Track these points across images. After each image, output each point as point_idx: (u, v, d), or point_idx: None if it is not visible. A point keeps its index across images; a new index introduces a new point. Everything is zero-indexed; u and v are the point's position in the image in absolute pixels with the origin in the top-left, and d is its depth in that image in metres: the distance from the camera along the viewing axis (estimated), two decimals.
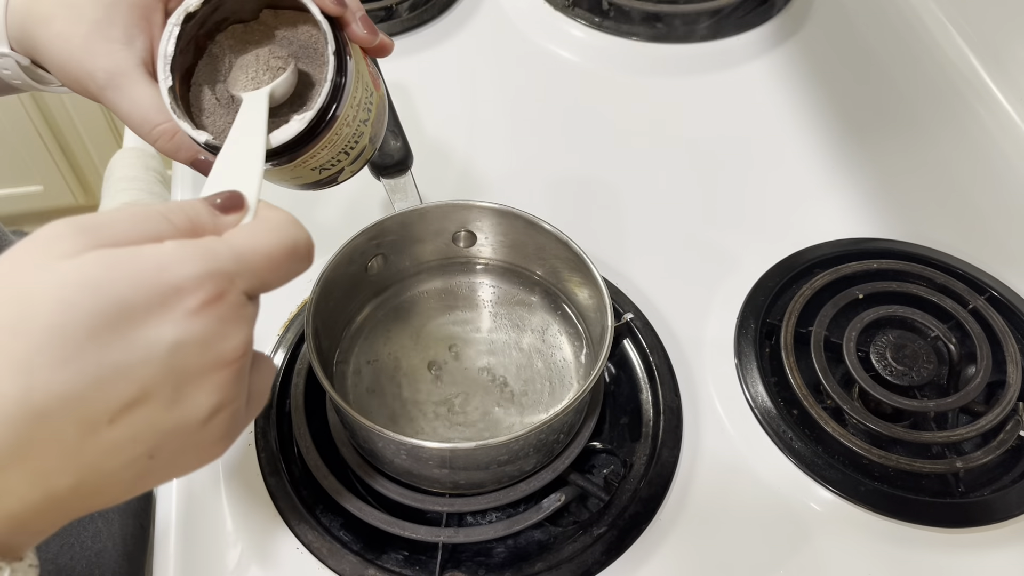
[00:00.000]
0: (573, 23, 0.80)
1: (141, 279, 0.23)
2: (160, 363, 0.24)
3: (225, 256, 0.25)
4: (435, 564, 0.47)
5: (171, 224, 0.26)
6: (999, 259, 0.63)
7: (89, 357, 0.22)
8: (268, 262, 0.27)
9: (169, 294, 0.24)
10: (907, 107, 0.75)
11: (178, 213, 0.26)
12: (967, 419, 0.54)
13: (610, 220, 0.65)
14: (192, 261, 0.24)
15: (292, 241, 0.28)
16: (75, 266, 0.23)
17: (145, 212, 0.26)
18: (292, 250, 0.28)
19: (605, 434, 0.54)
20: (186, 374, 0.24)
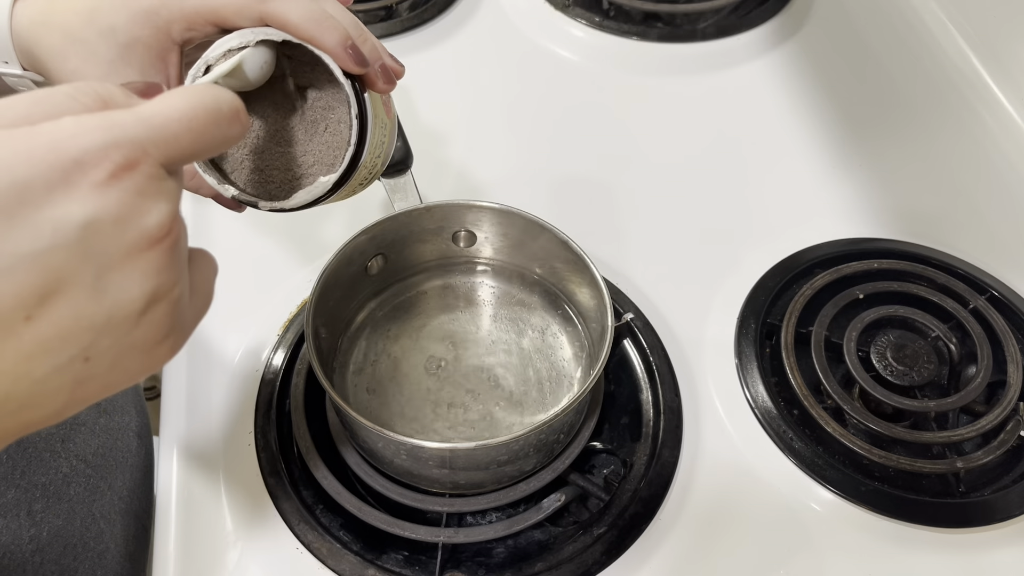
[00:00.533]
0: (573, 23, 0.80)
1: (35, 155, 0.21)
2: (72, 244, 0.21)
3: (131, 124, 0.23)
4: (435, 564, 0.47)
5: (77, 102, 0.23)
6: (1000, 259, 0.63)
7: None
8: (185, 126, 0.24)
9: (70, 169, 0.21)
10: (908, 106, 0.75)
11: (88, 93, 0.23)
12: (968, 419, 0.54)
13: (610, 220, 0.65)
14: (92, 131, 0.22)
15: (213, 101, 0.25)
16: None
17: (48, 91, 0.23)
18: (213, 110, 0.25)
19: (605, 434, 0.54)
20: (106, 256, 0.22)
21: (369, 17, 0.79)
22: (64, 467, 0.46)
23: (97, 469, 0.50)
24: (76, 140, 0.21)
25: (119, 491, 0.52)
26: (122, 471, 0.53)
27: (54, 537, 0.45)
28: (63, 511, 0.46)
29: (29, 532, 0.43)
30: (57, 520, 0.46)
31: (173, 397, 0.54)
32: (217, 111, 0.25)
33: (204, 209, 0.65)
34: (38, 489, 0.44)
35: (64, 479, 0.46)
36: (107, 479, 0.51)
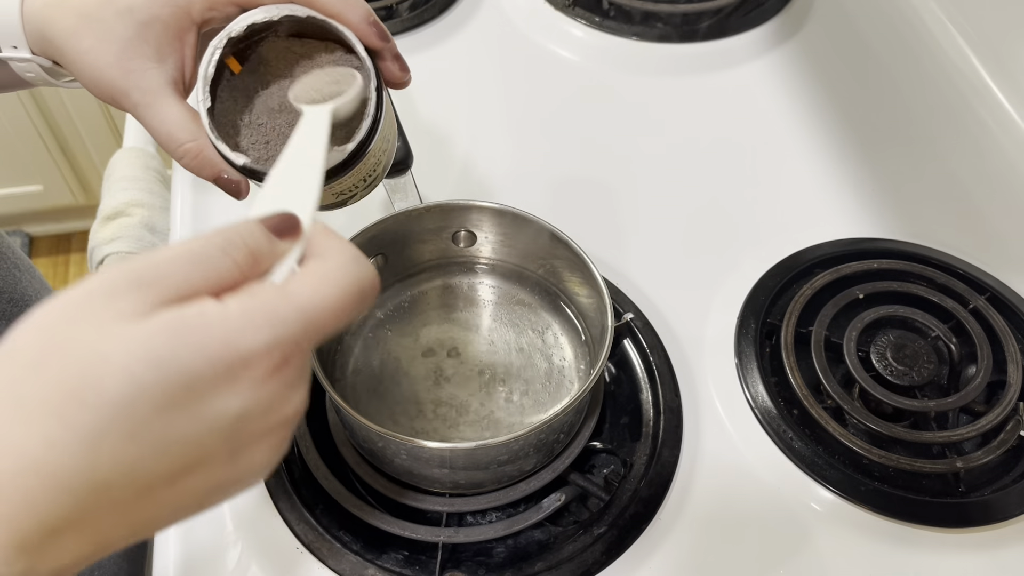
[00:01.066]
0: (573, 23, 0.80)
1: (208, 353, 0.23)
2: (223, 432, 0.24)
3: (292, 320, 0.25)
4: (435, 564, 0.47)
5: (232, 262, 0.25)
6: (1000, 259, 0.63)
7: (155, 431, 0.22)
8: (335, 316, 0.26)
9: (237, 367, 0.23)
10: (908, 107, 0.75)
11: (238, 248, 0.25)
12: (968, 419, 0.54)
13: (610, 220, 0.65)
14: (259, 331, 0.24)
15: (358, 286, 0.27)
16: (142, 336, 0.22)
17: (205, 252, 0.25)
18: (359, 296, 0.27)
19: (605, 434, 0.54)
20: (247, 437, 0.25)
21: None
22: None
23: None
24: (245, 339, 0.23)
25: None
26: None
27: None
28: None
29: None
30: None
31: None
32: (361, 294, 0.27)
33: (204, 211, 0.65)
34: None
35: None
36: None
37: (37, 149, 1.47)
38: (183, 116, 0.37)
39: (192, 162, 0.38)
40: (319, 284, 0.26)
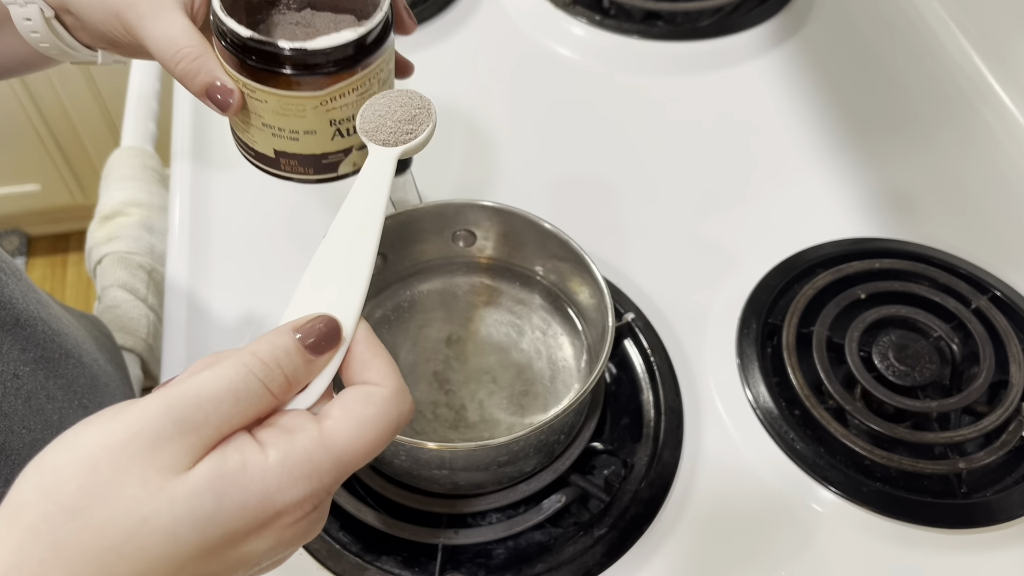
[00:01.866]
0: (574, 21, 0.80)
1: (247, 512, 0.24)
2: (252, 565, 0.26)
3: (327, 470, 0.26)
4: (435, 565, 0.47)
5: (271, 395, 0.26)
6: (1002, 259, 0.63)
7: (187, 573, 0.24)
8: (367, 458, 0.27)
9: (271, 519, 0.25)
10: (910, 106, 0.75)
11: (276, 378, 0.26)
12: (970, 420, 0.53)
13: (610, 220, 0.65)
14: (296, 485, 0.25)
15: (396, 425, 0.28)
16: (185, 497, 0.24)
17: (247, 388, 0.26)
18: (394, 433, 0.28)
19: (606, 435, 0.54)
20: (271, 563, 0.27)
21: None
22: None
23: None
24: (282, 495, 0.25)
25: None
26: None
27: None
28: None
29: None
30: None
31: None
32: (398, 431, 0.28)
33: (204, 210, 0.64)
34: None
35: None
36: None
37: (35, 149, 1.47)
38: (187, 26, 0.37)
39: (189, 66, 0.38)
40: (361, 429, 0.27)
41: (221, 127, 0.71)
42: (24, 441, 0.44)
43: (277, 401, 0.27)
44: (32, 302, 0.47)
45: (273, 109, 0.38)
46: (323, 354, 0.28)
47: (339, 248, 0.33)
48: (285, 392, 0.27)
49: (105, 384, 0.54)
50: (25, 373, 0.45)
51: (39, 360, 0.46)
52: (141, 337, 0.66)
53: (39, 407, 0.45)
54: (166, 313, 0.59)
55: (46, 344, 0.47)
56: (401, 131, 0.37)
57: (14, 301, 0.45)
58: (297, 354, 0.27)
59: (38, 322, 0.47)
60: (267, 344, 0.27)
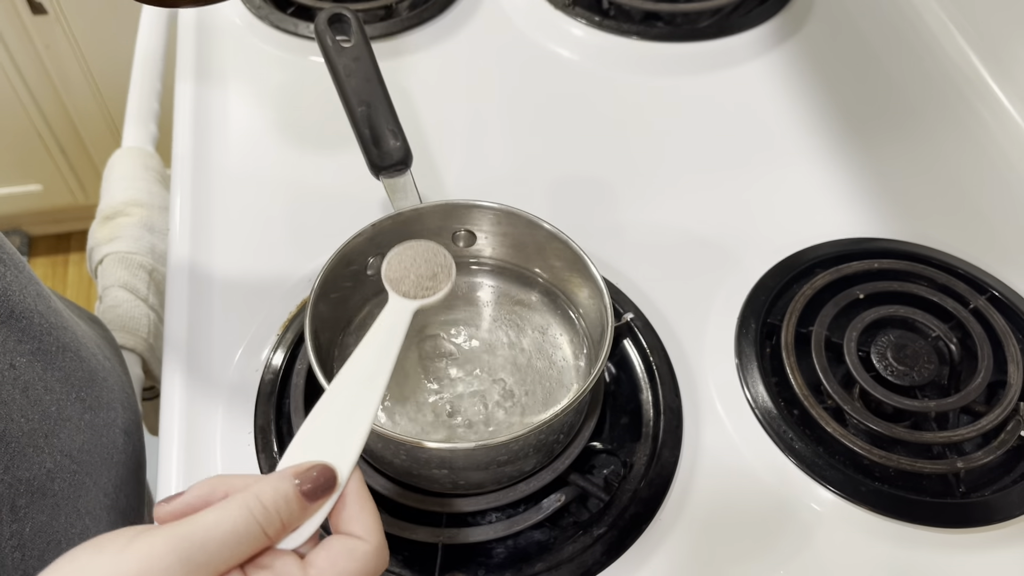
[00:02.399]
0: (573, 22, 0.80)
1: None
2: None
3: None
4: (435, 565, 0.47)
5: (267, 537, 0.29)
6: (1000, 259, 0.63)
7: None
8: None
9: None
10: (908, 106, 0.75)
11: (275, 523, 0.29)
12: (968, 419, 0.53)
13: (610, 220, 0.65)
14: None
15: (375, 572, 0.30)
16: None
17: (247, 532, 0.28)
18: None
19: (605, 434, 0.54)
20: None
21: (369, 17, 0.78)
22: (48, 462, 0.46)
23: (82, 465, 0.49)
24: None
25: (105, 487, 0.52)
26: (108, 468, 0.53)
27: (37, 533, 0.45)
28: (47, 507, 0.46)
29: (11, 528, 0.43)
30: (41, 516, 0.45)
31: (173, 397, 0.54)
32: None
33: (204, 211, 0.65)
34: (22, 484, 0.44)
35: (48, 474, 0.46)
36: (92, 475, 0.50)
37: (36, 149, 1.47)
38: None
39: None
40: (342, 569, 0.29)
41: (222, 128, 0.71)
42: (23, 430, 0.44)
43: (271, 542, 0.29)
44: (31, 294, 0.47)
45: None
46: (317, 501, 0.30)
47: (346, 394, 0.35)
48: (279, 535, 0.29)
49: (103, 379, 0.54)
50: (22, 364, 0.45)
51: (36, 352, 0.47)
52: (142, 337, 0.66)
53: (37, 398, 0.46)
54: (167, 313, 0.59)
55: (43, 336, 0.47)
56: (422, 286, 0.40)
57: (10, 293, 0.45)
58: (295, 501, 0.30)
59: (35, 314, 0.47)
60: (270, 490, 0.29)
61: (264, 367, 0.55)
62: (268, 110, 0.73)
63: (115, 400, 0.55)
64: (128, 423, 0.56)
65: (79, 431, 0.49)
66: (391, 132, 0.54)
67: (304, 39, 0.77)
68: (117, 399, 0.55)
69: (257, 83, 0.75)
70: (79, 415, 0.50)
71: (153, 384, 0.68)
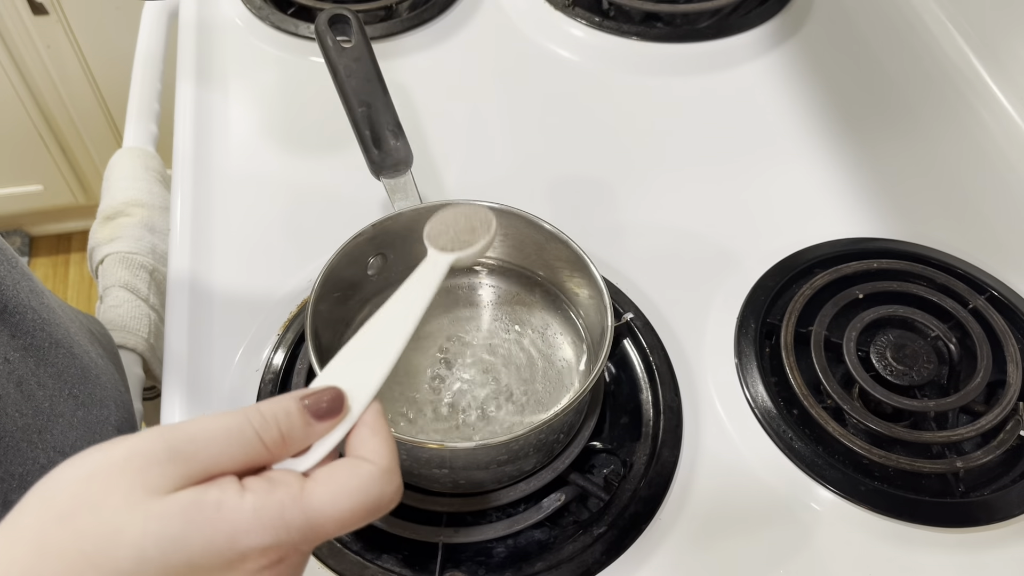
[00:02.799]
0: (573, 23, 0.80)
1: (212, 547, 0.25)
2: None
3: (297, 527, 0.27)
4: (435, 564, 0.47)
5: (263, 445, 0.27)
6: (999, 259, 0.63)
7: None
8: (339, 527, 0.28)
9: (235, 561, 0.26)
10: (907, 106, 0.75)
11: (271, 431, 0.28)
12: (967, 419, 0.54)
13: (610, 220, 0.65)
14: (263, 532, 0.26)
15: (376, 504, 0.28)
16: (158, 516, 0.25)
17: (241, 432, 0.27)
18: (373, 512, 0.28)
19: (605, 434, 0.54)
20: None
21: (369, 17, 0.79)
22: (41, 458, 0.46)
23: None
24: (248, 538, 0.26)
25: None
26: None
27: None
28: None
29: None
30: None
31: (173, 397, 0.54)
32: (377, 510, 0.28)
33: (205, 210, 0.65)
34: (15, 479, 0.44)
35: (41, 470, 0.46)
36: None
37: (37, 149, 1.47)
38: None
39: None
40: (338, 495, 0.27)
41: (222, 128, 0.71)
42: (17, 425, 0.44)
43: (269, 454, 0.28)
44: (24, 290, 0.47)
45: None
46: (323, 421, 0.29)
47: (377, 332, 0.35)
48: (278, 447, 0.28)
49: (96, 376, 0.54)
50: (16, 359, 0.45)
51: (29, 347, 0.47)
52: (143, 337, 0.66)
53: (30, 393, 0.46)
54: (168, 313, 0.59)
55: (35, 332, 0.48)
56: (460, 240, 0.40)
57: (4, 288, 0.45)
58: (297, 415, 0.29)
59: (28, 310, 0.47)
60: (270, 402, 0.29)
61: (265, 367, 0.55)
62: (268, 110, 0.73)
63: (108, 398, 0.55)
64: (121, 421, 0.57)
65: (72, 428, 0.50)
66: (391, 132, 0.54)
67: (304, 39, 0.77)
68: (110, 397, 0.56)
69: (258, 83, 0.75)
70: (72, 411, 0.50)
71: (154, 384, 0.68)
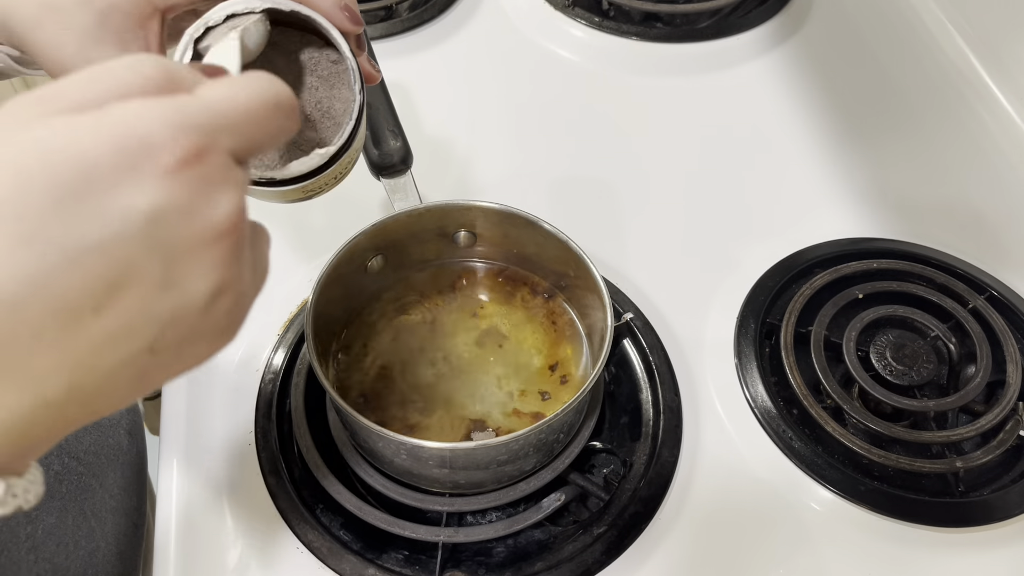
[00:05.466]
0: (573, 23, 0.80)
1: (103, 137, 0.20)
2: (139, 234, 0.20)
3: (198, 110, 0.22)
4: (435, 564, 0.47)
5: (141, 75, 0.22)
6: (999, 259, 0.63)
7: (54, 231, 0.19)
8: (249, 116, 0.23)
9: (137, 152, 0.20)
10: (907, 106, 0.75)
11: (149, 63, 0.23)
12: (967, 419, 0.54)
13: (610, 220, 0.65)
14: (161, 115, 0.21)
15: (274, 94, 0.24)
16: (35, 134, 0.20)
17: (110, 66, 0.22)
18: (275, 104, 0.24)
19: (605, 434, 0.54)
20: (174, 248, 0.21)
21: (369, 17, 0.79)
22: (56, 464, 0.46)
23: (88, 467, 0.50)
24: (144, 122, 0.21)
25: (110, 489, 0.52)
26: (113, 469, 0.53)
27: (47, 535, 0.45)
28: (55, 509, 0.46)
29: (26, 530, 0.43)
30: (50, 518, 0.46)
31: (174, 397, 0.54)
32: (277, 103, 0.24)
33: None
34: None
35: (56, 477, 0.46)
36: (98, 477, 0.51)
37: None
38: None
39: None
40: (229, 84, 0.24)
41: None
42: None
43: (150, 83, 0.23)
44: None
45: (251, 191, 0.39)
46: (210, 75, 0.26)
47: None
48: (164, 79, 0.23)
49: None
50: None
51: None
52: None
53: None
54: None
55: None
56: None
57: None
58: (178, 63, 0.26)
59: None
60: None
61: (265, 367, 0.55)
62: None
63: None
64: (131, 424, 0.57)
65: (85, 432, 0.50)
66: (391, 132, 0.54)
67: None
68: None
69: None
70: None
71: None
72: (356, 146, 0.39)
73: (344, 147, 0.37)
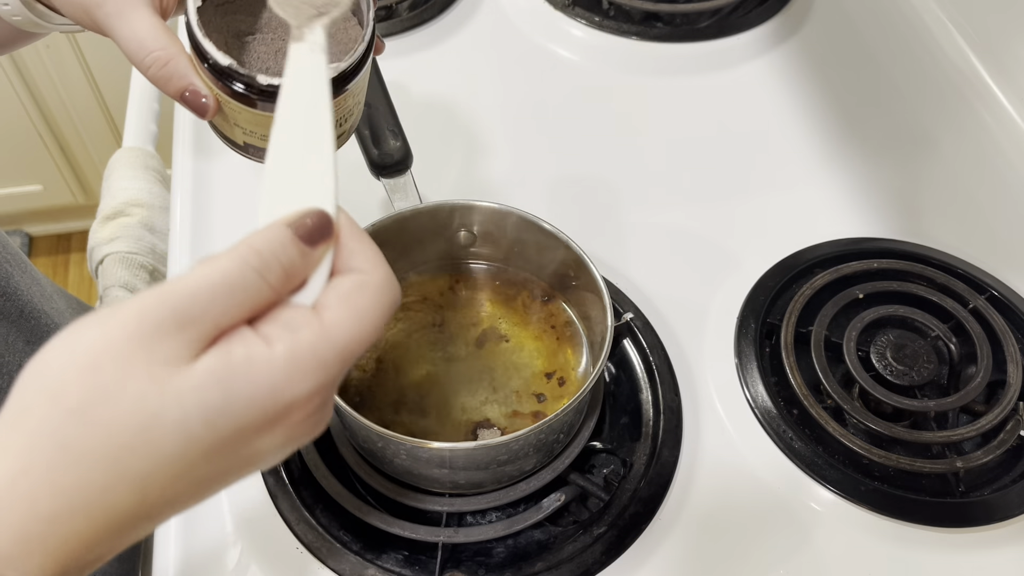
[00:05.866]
0: (573, 22, 0.80)
1: (256, 403, 0.24)
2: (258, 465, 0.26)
3: (333, 362, 0.26)
4: (435, 564, 0.47)
5: (268, 287, 0.25)
6: (999, 258, 0.63)
7: (200, 472, 0.24)
8: (366, 347, 0.27)
9: (281, 414, 0.25)
10: (907, 106, 0.75)
11: (273, 270, 0.25)
12: (967, 419, 0.54)
13: (610, 220, 0.65)
14: (305, 379, 0.25)
15: (389, 310, 0.27)
16: (192, 388, 0.23)
17: (243, 279, 0.25)
18: (387, 319, 0.27)
19: (605, 434, 0.54)
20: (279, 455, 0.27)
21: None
22: None
23: None
24: (292, 389, 0.25)
25: None
26: None
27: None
28: None
29: None
30: None
31: None
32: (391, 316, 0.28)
33: (205, 210, 0.65)
34: None
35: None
36: None
37: (37, 149, 1.47)
38: (155, 26, 0.36)
39: (159, 72, 0.37)
40: (359, 318, 0.26)
41: None
42: None
43: (275, 294, 0.26)
44: (36, 295, 0.47)
45: (245, 119, 0.38)
46: (318, 246, 0.27)
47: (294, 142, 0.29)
48: (283, 285, 0.26)
49: None
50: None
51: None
52: None
53: None
54: None
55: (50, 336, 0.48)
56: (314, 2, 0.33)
57: (19, 292, 0.45)
58: (292, 246, 0.26)
59: (41, 314, 0.47)
60: (262, 238, 0.26)
61: None
62: None
63: None
64: None
65: None
66: (391, 132, 0.54)
67: None
68: None
69: None
70: None
71: None
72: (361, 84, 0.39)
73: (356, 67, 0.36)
